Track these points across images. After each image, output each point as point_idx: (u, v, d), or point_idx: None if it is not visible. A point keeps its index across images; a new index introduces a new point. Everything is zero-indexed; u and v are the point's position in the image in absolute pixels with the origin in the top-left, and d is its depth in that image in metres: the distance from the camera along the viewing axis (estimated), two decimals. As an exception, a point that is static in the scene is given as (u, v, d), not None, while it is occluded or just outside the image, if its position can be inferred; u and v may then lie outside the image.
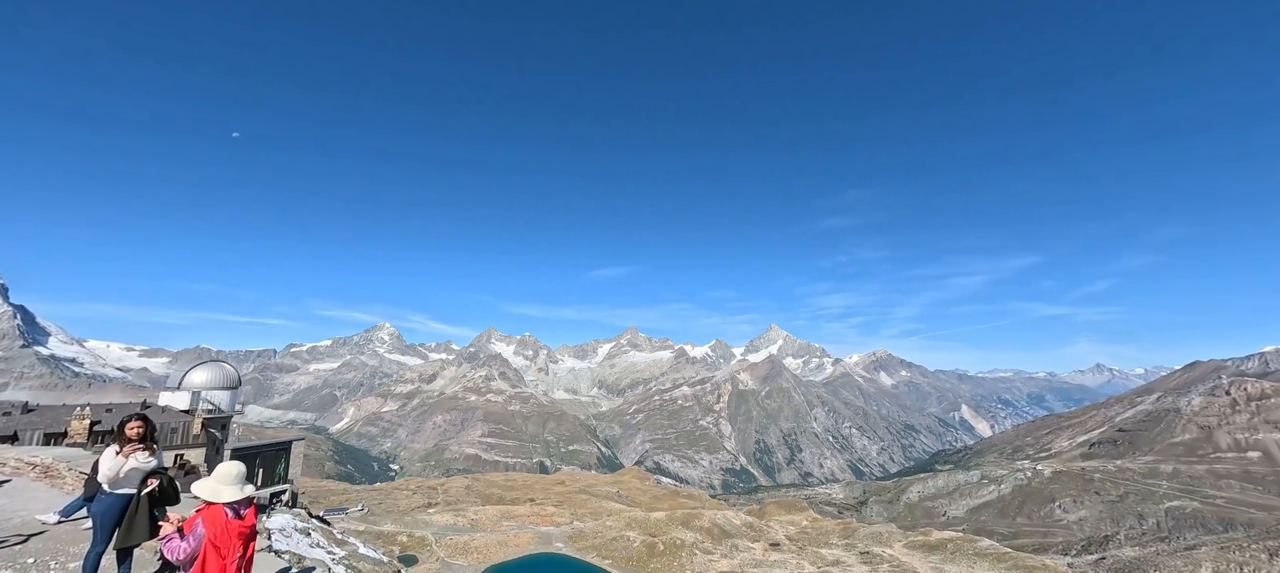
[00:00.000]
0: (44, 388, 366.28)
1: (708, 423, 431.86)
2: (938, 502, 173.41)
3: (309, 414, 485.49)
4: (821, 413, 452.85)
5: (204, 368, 47.91)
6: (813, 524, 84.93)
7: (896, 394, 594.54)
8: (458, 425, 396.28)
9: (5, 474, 10.82)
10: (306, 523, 50.98)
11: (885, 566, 59.43)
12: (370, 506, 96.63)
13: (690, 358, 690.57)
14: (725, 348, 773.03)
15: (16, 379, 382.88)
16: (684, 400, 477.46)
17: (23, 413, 44.61)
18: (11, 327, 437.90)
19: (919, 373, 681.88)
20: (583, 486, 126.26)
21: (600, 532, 69.02)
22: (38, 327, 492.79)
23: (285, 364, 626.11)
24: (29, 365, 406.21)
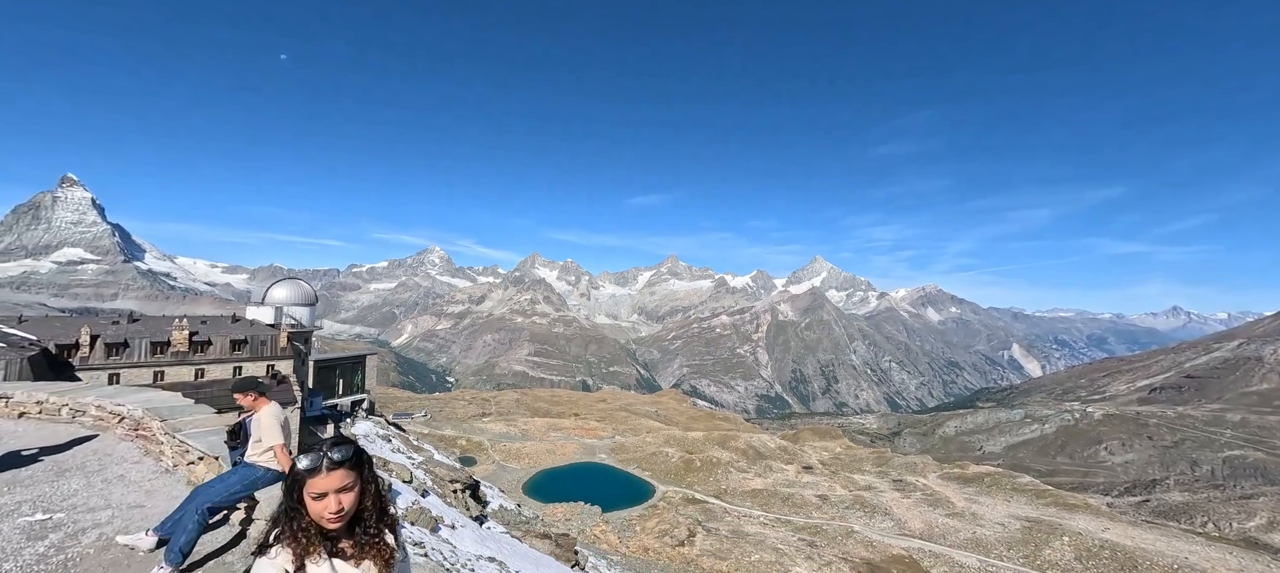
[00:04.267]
0: (147, 299, 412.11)
1: (745, 351, 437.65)
2: (975, 437, 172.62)
3: (372, 329, 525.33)
4: (861, 346, 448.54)
5: (283, 285, 52.25)
6: (846, 451, 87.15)
7: (943, 330, 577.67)
8: (506, 344, 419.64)
9: (88, 425, 8.43)
10: (386, 429, 56.83)
11: (917, 493, 60.98)
12: (431, 413, 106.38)
13: (730, 288, 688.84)
14: (766, 279, 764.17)
15: (123, 290, 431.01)
16: (722, 329, 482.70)
17: (130, 322, 50.61)
18: (113, 243, 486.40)
19: (970, 310, 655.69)
20: (623, 404, 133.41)
21: (640, 446, 73.74)
22: (134, 243, 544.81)
23: (348, 283, 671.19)
24: (132, 279, 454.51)
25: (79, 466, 6.69)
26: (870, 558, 43.57)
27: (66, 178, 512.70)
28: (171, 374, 44.99)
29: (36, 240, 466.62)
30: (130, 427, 7.81)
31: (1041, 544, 47.12)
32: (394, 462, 33.47)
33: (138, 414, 7.69)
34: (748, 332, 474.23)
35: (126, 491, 6.06)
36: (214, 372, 46.65)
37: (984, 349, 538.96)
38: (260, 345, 48.56)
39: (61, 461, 6.82)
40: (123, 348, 44.75)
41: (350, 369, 59.60)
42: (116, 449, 7.36)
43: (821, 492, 60.44)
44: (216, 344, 47.86)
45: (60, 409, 8.39)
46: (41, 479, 6.15)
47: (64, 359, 40.34)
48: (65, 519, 5.15)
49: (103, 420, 8.23)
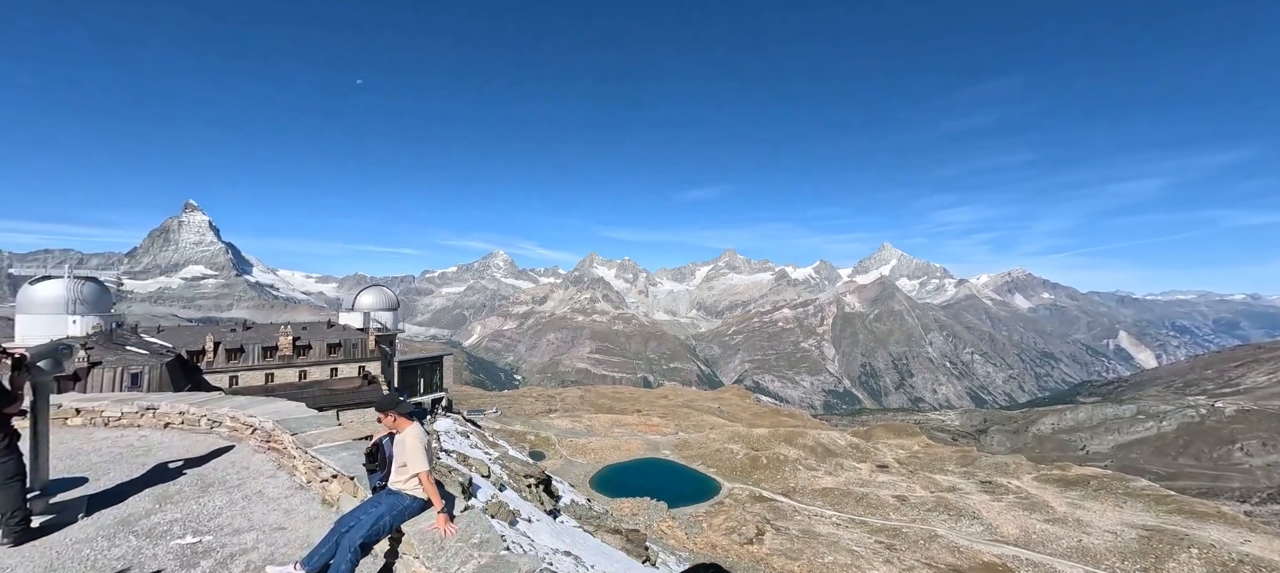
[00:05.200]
0: (256, 308, 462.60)
1: (810, 345, 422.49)
2: (1076, 436, 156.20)
3: (445, 331, 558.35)
4: (938, 337, 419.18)
5: (370, 292, 56.77)
6: (925, 450, 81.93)
7: (1034, 319, 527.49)
8: (568, 343, 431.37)
9: (224, 436, 8.76)
10: (464, 426, 60.08)
11: (1009, 496, 56.21)
12: (502, 409, 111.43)
13: (791, 280, 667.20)
14: (830, 269, 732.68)
15: (236, 301, 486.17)
16: (785, 322, 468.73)
17: (244, 330, 56.75)
18: (227, 260, 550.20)
19: (1066, 295, 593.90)
20: (685, 400, 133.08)
21: (704, 443, 73.23)
22: (243, 259, 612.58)
23: (422, 288, 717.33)
24: (243, 290, 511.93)
25: (220, 480, 6.89)
26: (957, 565, 40.67)
27: (188, 204, 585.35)
28: (279, 376, 50.06)
29: (168, 259, 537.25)
30: (262, 438, 7.96)
31: (1164, 557, 41.85)
32: (473, 457, 35.34)
33: (268, 426, 7.79)
34: (812, 325, 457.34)
35: (267, 510, 6.05)
36: (314, 373, 51.40)
37: (1084, 339, 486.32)
38: (352, 348, 52.98)
39: (204, 474, 7.06)
40: (239, 353, 50.33)
41: (429, 369, 63.70)
42: (252, 462, 7.53)
43: (899, 492, 57.19)
44: (315, 348, 52.69)
45: (200, 420, 8.86)
46: (188, 495, 6.32)
47: (193, 364, 45.93)
48: (213, 543, 5.21)
49: (237, 431, 8.49)
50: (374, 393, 49.55)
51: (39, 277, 47.79)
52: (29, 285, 46.63)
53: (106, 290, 51.21)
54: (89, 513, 5.63)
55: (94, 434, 8.36)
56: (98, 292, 48.62)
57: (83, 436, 8.17)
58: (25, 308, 45.19)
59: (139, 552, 4.91)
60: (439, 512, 4.68)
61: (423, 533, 4.51)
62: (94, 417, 8.78)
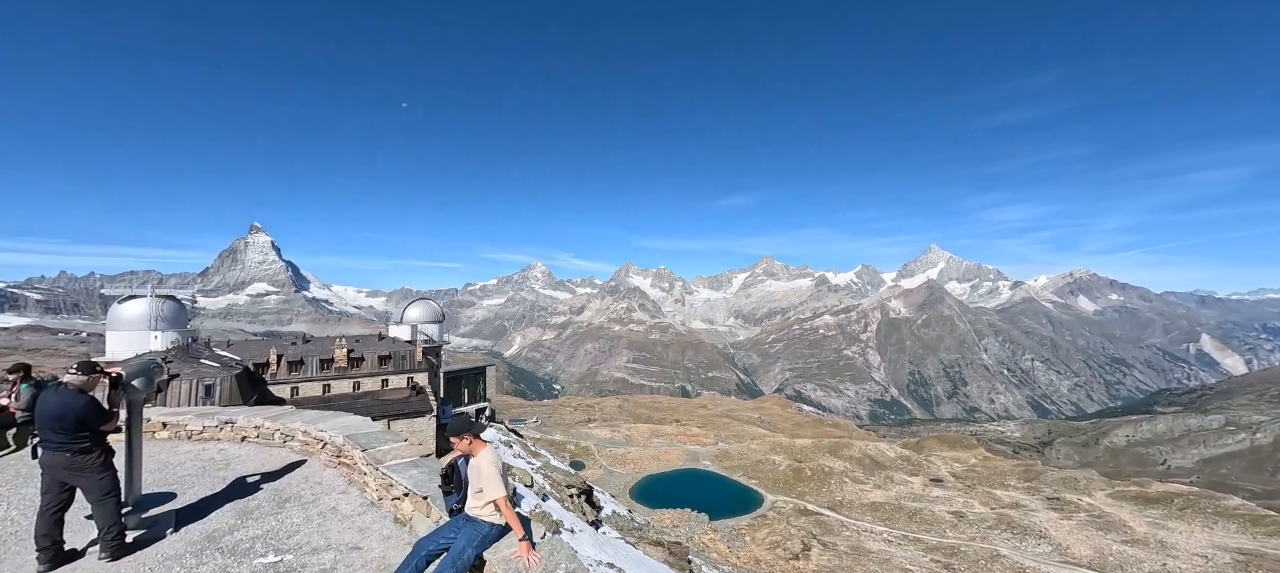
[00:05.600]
0: (313, 323, 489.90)
1: (853, 353, 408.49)
2: (1155, 449, 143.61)
3: (486, 341, 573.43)
4: (994, 343, 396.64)
5: (417, 305, 59.09)
6: (983, 463, 77.42)
7: (1101, 322, 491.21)
8: (606, 352, 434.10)
9: (296, 450, 8.87)
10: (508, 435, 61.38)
11: (1080, 514, 52.26)
12: (542, 419, 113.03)
13: (832, 285, 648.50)
14: (872, 274, 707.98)
15: (295, 316, 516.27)
16: (826, 329, 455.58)
17: (303, 343, 60.04)
18: (287, 277, 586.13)
19: (1137, 296, 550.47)
20: (725, 410, 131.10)
21: (745, 453, 71.79)
22: (302, 276, 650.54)
23: (465, 301, 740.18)
24: (302, 306, 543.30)
25: (295, 495, 6.98)
26: (1023, 588, 38.04)
27: (253, 226, 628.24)
28: (335, 387, 52.63)
29: (235, 278, 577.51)
30: (333, 453, 8.02)
31: (1266, 585, 37.76)
32: (516, 467, 35.97)
33: (338, 441, 7.88)
34: (855, 332, 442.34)
35: (341, 528, 6.08)
36: (367, 384, 53.76)
37: (1160, 343, 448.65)
38: (401, 360, 55.16)
39: (280, 489, 7.20)
40: (299, 365, 53.23)
41: (473, 379, 65.50)
42: (323, 477, 7.60)
43: (956, 508, 54.14)
44: (368, 360, 55.17)
45: (274, 434, 9.12)
46: (267, 511, 6.47)
47: (259, 376, 48.92)
48: (294, 562, 5.28)
49: (308, 446, 8.64)
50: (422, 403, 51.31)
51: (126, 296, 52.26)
52: (117, 304, 51.03)
53: (183, 308, 55.40)
54: (177, 528, 5.86)
55: (179, 448, 8.81)
56: (176, 309, 52.66)
57: (169, 449, 8.64)
58: (114, 325, 49.44)
59: (224, 570, 5.09)
60: (520, 539, 4.59)
61: (506, 561, 4.51)
62: (179, 431, 9.27)
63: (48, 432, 5.18)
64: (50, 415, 5.17)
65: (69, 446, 5.12)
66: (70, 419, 5.14)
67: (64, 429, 5.12)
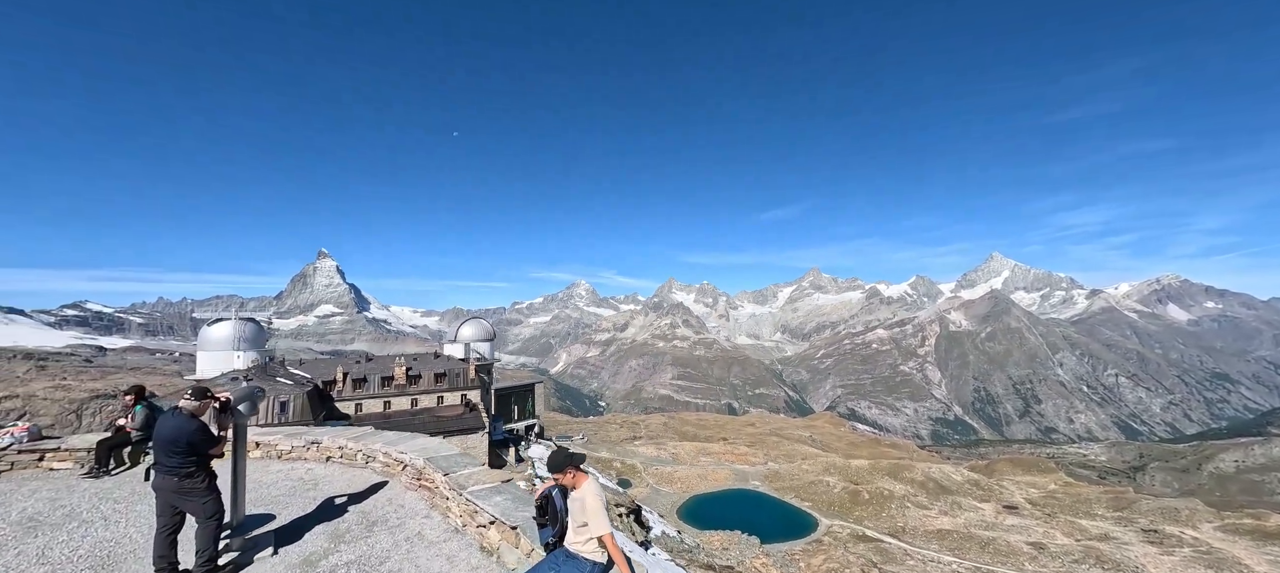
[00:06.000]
0: (373, 341, 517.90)
1: (910, 368, 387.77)
2: (1271, 476, 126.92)
3: (533, 359, 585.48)
4: (1071, 357, 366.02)
5: (469, 324, 61.36)
6: (1064, 489, 71.12)
7: (1197, 333, 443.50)
8: (650, 369, 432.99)
9: (378, 471, 8.90)
10: (552, 450, 62.19)
11: (1184, 549, 46.83)
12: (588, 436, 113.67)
13: (884, 298, 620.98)
14: (928, 284, 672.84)
15: (358, 335, 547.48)
16: (880, 344, 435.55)
17: (366, 362, 63.38)
18: (350, 299, 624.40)
19: (1240, 303, 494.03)
20: (774, 428, 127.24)
21: (797, 474, 69.20)
22: (363, 298, 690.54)
23: (512, 319, 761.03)
24: (363, 326, 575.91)
25: (382, 518, 7.07)
26: (1119, 631, 34.27)
27: (321, 252, 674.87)
28: (395, 404, 55.20)
29: (305, 300, 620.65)
30: (413, 476, 8.06)
31: None
32: (564, 484, 36.18)
33: (418, 464, 7.91)
34: (911, 346, 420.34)
35: (429, 555, 6.06)
36: (424, 401, 56.07)
37: (1271, 355, 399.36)
38: (456, 377, 57.25)
39: (367, 511, 7.33)
40: (362, 383, 56.22)
41: (522, 396, 67.00)
42: (406, 500, 7.63)
43: (1035, 539, 49.81)
44: (424, 377, 57.60)
45: (356, 455, 9.29)
46: (357, 534, 6.57)
47: (326, 393, 52.06)
48: None
49: (389, 467, 8.72)
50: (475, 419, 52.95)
51: (214, 319, 57.33)
52: (207, 327, 56.04)
53: (262, 330, 60.05)
54: (276, 550, 6.11)
55: (270, 467, 9.32)
56: (256, 331, 57.17)
57: (262, 468, 9.18)
58: (203, 346, 54.23)
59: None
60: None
61: None
62: (270, 450, 9.83)
63: (161, 455, 5.57)
64: (165, 440, 5.56)
65: (178, 470, 5.50)
66: (181, 443, 5.52)
67: (176, 452, 5.50)
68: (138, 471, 9.10)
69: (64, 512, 7.20)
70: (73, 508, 7.36)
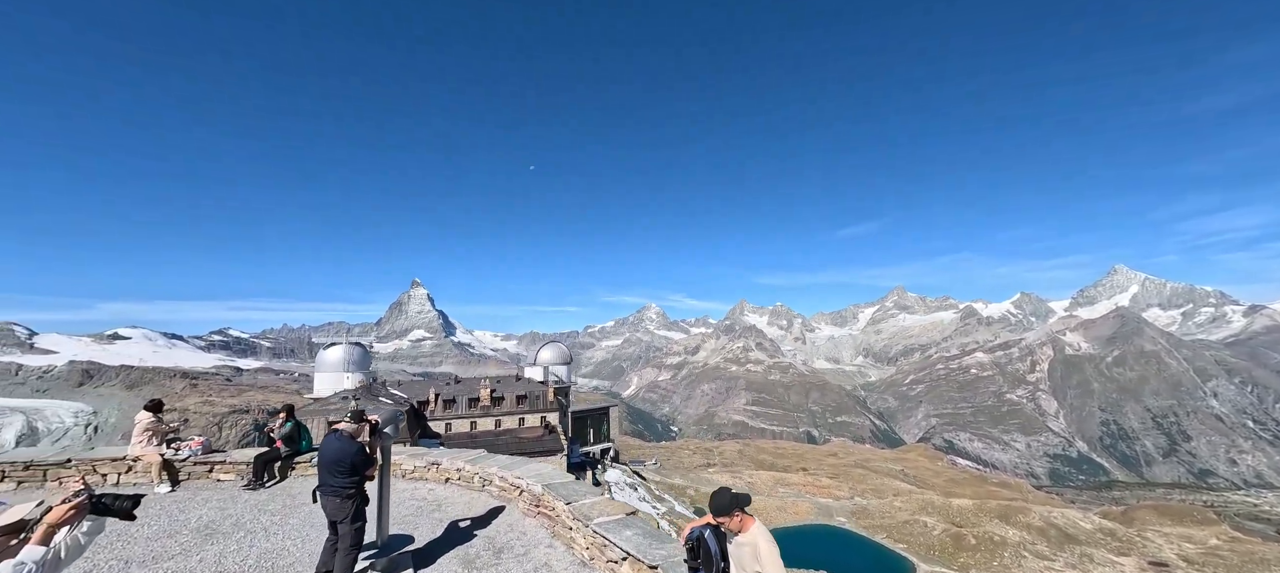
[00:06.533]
0: (458, 364, 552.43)
1: (1019, 396, 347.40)
2: None
3: (605, 382, 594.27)
4: (1227, 386, 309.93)
5: (549, 347, 63.18)
6: (1230, 545, 59.59)
7: None
8: (723, 394, 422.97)
9: (494, 495, 8.90)
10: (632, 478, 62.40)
11: None
12: (660, 461, 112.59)
13: (983, 318, 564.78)
14: (1036, 302, 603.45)
15: (445, 358, 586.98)
16: (979, 369, 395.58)
17: (455, 384, 67.48)
18: (439, 324, 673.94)
19: None
20: (859, 459, 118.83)
21: (888, 512, 63.74)
22: (450, 323, 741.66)
23: (585, 342, 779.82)
24: (449, 350, 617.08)
25: (506, 545, 7.09)
26: None
27: (414, 281, 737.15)
28: (480, 424, 58.21)
29: (400, 326, 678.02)
30: (530, 502, 7.95)
31: None
32: (643, 511, 36.06)
33: (536, 490, 7.81)
34: (1019, 372, 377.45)
35: None
36: (506, 422, 58.68)
37: None
38: (536, 400, 59.45)
39: (491, 536, 7.40)
40: (452, 403, 59.89)
41: (597, 420, 67.93)
42: (526, 526, 7.59)
43: (1195, 606, 41.87)
44: (507, 399, 60.34)
45: (473, 478, 9.39)
46: (486, 561, 6.60)
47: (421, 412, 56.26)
48: None
49: (506, 492, 8.71)
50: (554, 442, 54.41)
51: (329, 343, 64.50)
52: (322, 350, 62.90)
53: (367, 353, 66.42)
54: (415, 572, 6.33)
55: (396, 486, 9.78)
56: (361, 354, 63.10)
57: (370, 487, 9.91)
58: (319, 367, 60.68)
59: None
60: None
61: None
62: (395, 469, 10.22)
63: (325, 475, 5.93)
64: (330, 460, 5.93)
65: (340, 490, 5.84)
66: (345, 464, 5.87)
67: (339, 473, 5.85)
68: (288, 484, 10.23)
69: (232, 521, 8.23)
70: (239, 518, 8.40)
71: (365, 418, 6.54)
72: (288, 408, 11.29)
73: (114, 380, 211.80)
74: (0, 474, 10.37)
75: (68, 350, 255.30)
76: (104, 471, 10.76)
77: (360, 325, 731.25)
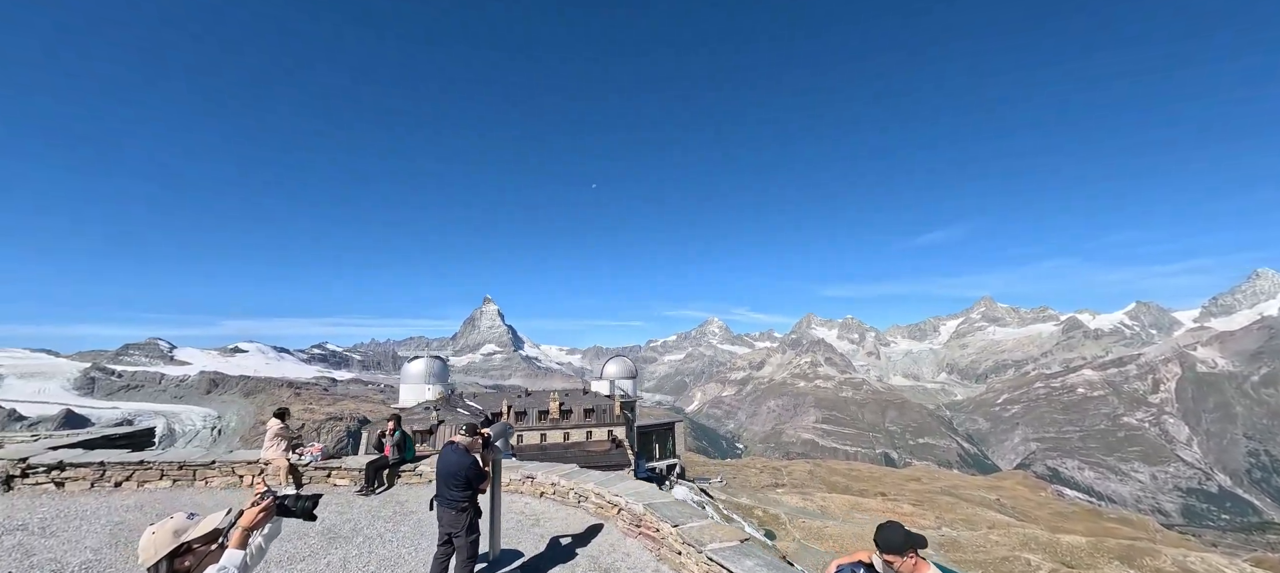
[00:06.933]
0: (526, 377, 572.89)
1: (1139, 420, 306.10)
2: None
3: (668, 397, 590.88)
4: None
5: (614, 362, 64.48)
6: None
7: None
8: (790, 410, 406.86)
9: (590, 512, 8.62)
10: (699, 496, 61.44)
11: None
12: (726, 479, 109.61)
13: (1090, 330, 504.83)
14: (1157, 313, 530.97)
15: (513, 371, 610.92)
16: (1089, 388, 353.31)
17: (526, 396, 69.71)
18: (508, 339, 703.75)
19: None
20: (946, 486, 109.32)
21: (982, 545, 57.78)
22: (518, 337, 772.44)
23: (647, 357, 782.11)
24: (518, 363, 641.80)
25: (612, 567, 6.80)
26: None
27: (486, 297, 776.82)
28: (549, 436, 59.66)
29: (473, 340, 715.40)
30: (630, 521, 7.63)
31: None
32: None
33: (637, 510, 7.44)
34: (1139, 392, 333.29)
35: None
36: (574, 435, 59.79)
37: None
38: (603, 413, 60.10)
39: (595, 556, 7.11)
40: (523, 415, 61.88)
41: (663, 435, 67.52)
42: (629, 548, 7.24)
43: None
44: (575, 412, 61.48)
45: (568, 493, 9.11)
46: None
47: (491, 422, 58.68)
48: None
49: (603, 509, 8.39)
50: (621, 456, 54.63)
51: (412, 357, 69.08)
52: (407, 364, 67.64)
53: (446, 366, 70.53)
54: None
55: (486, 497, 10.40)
56: (441, 367, 67.26)
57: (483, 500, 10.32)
58: (404, 380, 65.33)
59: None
60: None
61: None
62: None
63: (443, 487, 6.08)
64: (448, 472, 6.05)
65: (457, 502, 5.98)
66: (462, 477, 5.99)
67: (456, 485, 5.98)
68: (395, 491, 10.93)
69: (351, 526, 8.85)
70: (356, 523, 9.02)
71: (479, 431, 6.69)
72: (395, 418, 12.08)
73: (234, 389, 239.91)
74: (159, 473, 11.83)
75: (199, 362, 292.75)
76: (241, 472, 12.03)
77: (437, 340, 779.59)
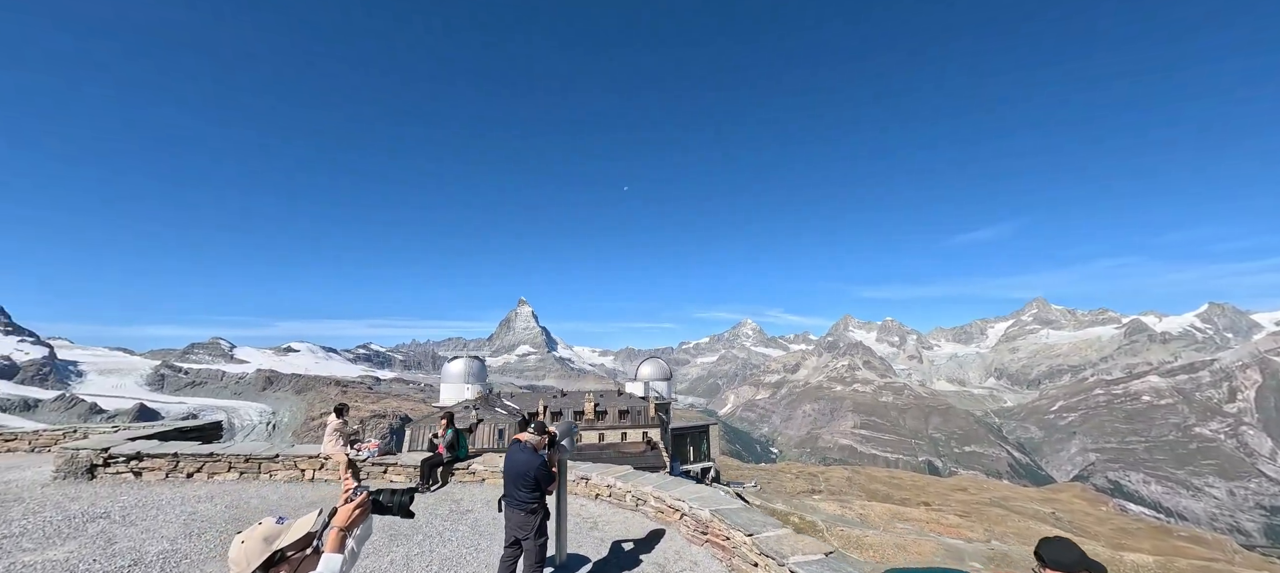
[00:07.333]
0: (560, 378, 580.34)
1: (1213, 430, 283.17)
2: None
3: (701, 400, 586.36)
4: None
5: (649, 364, 64.32)
6: None
7: None
8: (827, 415, 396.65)
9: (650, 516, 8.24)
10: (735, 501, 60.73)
11: None
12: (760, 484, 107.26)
13: (1156, 334, 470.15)
14: (1233, 314, 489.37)
15: (547, 372, 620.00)
16: (1155, 396, 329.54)
17: (561, 396, 70.33)
18: (542, 340, 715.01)
19: None
20: (995, 497, 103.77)
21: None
22: (552, 338, 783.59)
23: (680, 359, 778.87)
24: (551, 364, 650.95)
25: None
26: None
27: (521, 299, 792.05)
28: (586, 437, 60.06)
29: (509, 341, 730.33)
30: (695, 527, 7.20)
31: None
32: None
33: (702, 515, 7.00)
34: (1212, 400, 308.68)
35: None
36: (609, 436, 59.91)
37: None
38: (637, 415, 60.03)
39: (661, 563, 6.73)
40: (559, 416, 62.44)
41: (697, 438, 66.75)
42: (695, 556, 6.78)
43: None
44: (610, 413, 61.62)
45: (625, 496, 8.77)
46: None
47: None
48: None
49: (662, 513, 8.01)
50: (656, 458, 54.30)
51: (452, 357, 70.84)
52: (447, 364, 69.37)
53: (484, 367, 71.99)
54: None
55: None
56: (479, 367, 68.66)
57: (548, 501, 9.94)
58: (444, 379, 67.01)
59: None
60: None
61: None
62: None
63: (511, 487, 5.80)
64: (517, 472, 5.77)
65: (526, 503, 5.72)
66: (530, 478, 5.70)
67: (525, 486, 5.71)
68: (449, 489, 11.04)
69: (410, 524, 8.84)
70: (415, 521, 9.03)
71: (547, 429, 6.26)
72: (448, 416, 12.23)
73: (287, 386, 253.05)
74: (227, 466, 12.32)
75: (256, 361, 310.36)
76: (303, 466, 12.43)
77: (474, 341, 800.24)
